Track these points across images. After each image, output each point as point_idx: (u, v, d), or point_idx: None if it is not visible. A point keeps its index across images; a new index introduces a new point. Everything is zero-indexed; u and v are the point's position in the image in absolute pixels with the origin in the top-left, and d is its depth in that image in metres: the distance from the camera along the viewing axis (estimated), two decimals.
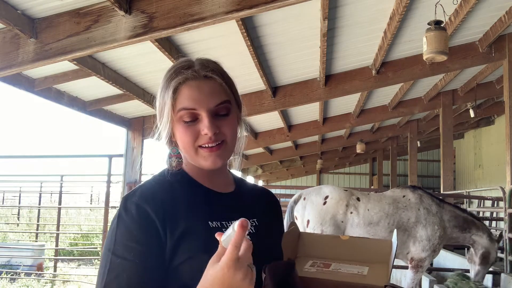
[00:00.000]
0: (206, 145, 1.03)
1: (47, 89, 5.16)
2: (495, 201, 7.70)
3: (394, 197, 4.60)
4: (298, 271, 1.06)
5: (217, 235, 0.83)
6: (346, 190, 4.72)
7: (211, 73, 1.07)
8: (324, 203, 4.57)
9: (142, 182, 1.10)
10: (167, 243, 0.96)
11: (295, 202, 4.79)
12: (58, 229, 10.42)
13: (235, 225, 0.78)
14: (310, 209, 4.59)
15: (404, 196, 4.58)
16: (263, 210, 1.16)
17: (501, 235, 5.04)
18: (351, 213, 4.49)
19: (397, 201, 4.53)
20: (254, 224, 1.09)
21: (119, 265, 0.93)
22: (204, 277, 0.82)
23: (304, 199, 4.72)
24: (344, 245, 1.18)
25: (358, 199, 4.59)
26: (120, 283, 0.92)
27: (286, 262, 1.03)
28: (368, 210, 4.46)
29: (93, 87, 5.44)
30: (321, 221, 4.48)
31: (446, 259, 6.39)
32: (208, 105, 1.03)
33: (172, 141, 1.09)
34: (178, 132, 1.05)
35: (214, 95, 1.04)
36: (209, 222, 1.00)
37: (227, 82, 1.10)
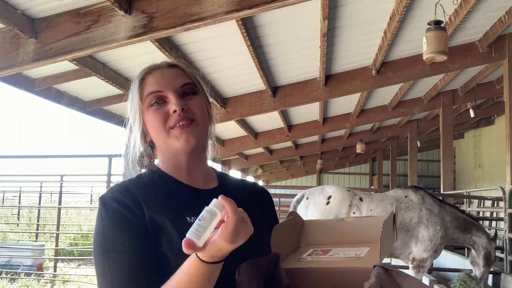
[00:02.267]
0: (177, 124, 1.03)
1: (47, 89, 5.16)
2: (495, 201, 7.70)
3: (396, 197, 4.60)
4: (293, 262, 1.05)
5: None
6: (349, 190, 4.72)
7: (173, 63, 1.13)
8: (327, 203, 4.57)
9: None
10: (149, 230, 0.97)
11: (298, 202, 4.79)
12: (58, 229, 10.41)
13: (213, 207, 0.80)
14: (313, 209, 4.59)
15: (406, 197, 4.58)
16: (250, 206, 1.10)
17: (496, 234, 5.06)
18: (354, 213, 4.49)
19: (400, 201, 4.54)
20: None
21: (117, 259, 0.93)
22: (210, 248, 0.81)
23: (307, 199, 4.72)
24: (348, 227, 1.16)
25: (361, 199, 4.59)
26: (126, 275, 0.92)
27: (270, 257, 1.01)
28: (370, 210, 4.47)
29: (93, 87, 5.44)
30: None
31: (446, 259, 6.39)
32: (173, 86, 1.06)
33: (146, 141, 1.11)
34: (149, 119, 1.06)
35: (178, 78, 1.08)
36: (187, 218, 0.99)
37: (191, 71, 1.13)
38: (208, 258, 0.82)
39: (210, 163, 1.19)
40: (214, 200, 0.81)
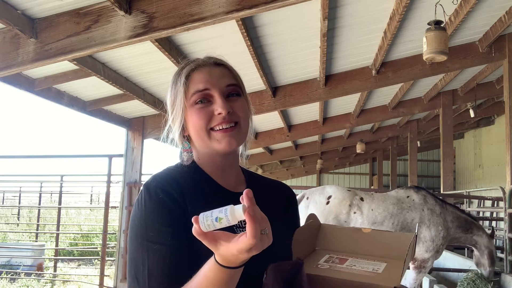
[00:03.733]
0: (220, 127, 1.03)
1: (47, 89, 5.16)
2: (495, 201, 7.70)
3: (398, 198, 4.59)
4: (311, 266, 1.04)
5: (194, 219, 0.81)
6: (350, 190, 4.72)
7: (220, 61, 1.11)
8: (327, 203, 4.57)
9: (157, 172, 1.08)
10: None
11: (298, 202, 4.79)
12: (58, 229, 10.42)
13: (233, 210, 0.78)
14: (313, 208, 4.58)
15: (408, 197, 4.57)
16: (275, 207, 1.15)
17: (493, 231, 5.07)
18: (355, 213, 4.48)
19: (401, 202, 4.53)
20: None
21: (157, 251, 0.93)
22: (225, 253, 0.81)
23: (307, 198, 4.72)
24: (365, 239, 1.14)
25: (361, 199, 4.58)
26: (164, 270, 0.92)
27: (293, 262, 1.00)
28: (372, 210, 4.46)
29: (93, 87, 5.44)
30: (324, 221, 4.48)
31: (446, 259, 6.39)
32: (220, 85, 1.05)
33: (184, 136, 1.10)
34: (191, 117, 1.05)
35: (224, 77, 1.08)
36: None
37: (235, 72, 1.13)
38: (225, 263, 0.82)
39: None
40: (239, 209, 0.79)
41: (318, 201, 4.60)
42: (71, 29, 3.48)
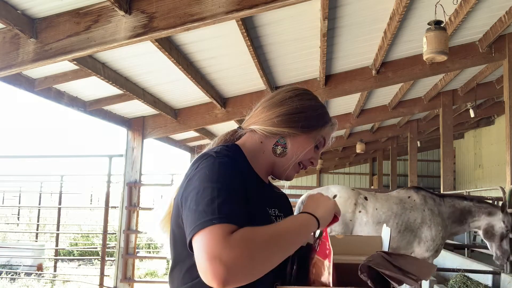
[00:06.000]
0: (302, 168, 1.30)
1: (47, 89, 5.16)
2: (495, 201, 7.69)
3: (400, 198, 4.63)
4: None
5: None
6: (354, 190, 4.75)
7: None
8: None
9: (215, 148, 1.18)
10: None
11: (303, 202, 4.80)
12: (58, 229, 10.42)
13: None
14: None
15: (409, 197, 4.61)
16: (282, 202, 1.34)
17: (504, 204, 4.59)
18: (360, 212, 4.51)
19: (403, 202, 4.57)
20: (277, 213, 1.22)
21: (230, 196, 1.01)
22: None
23: None
24: (340, 243, 1.28)
25: (366, 198, 4.61)
26: (236, 213, 0.98)
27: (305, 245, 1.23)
28: (376, 209, 4.49)
29: (93, 87, 5.44)
30: None
31: (446, 259, 6.39)
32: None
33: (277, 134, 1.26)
34: (304, 148, 1.26)
35: None
36: (267, 208, 1.18)
37: None
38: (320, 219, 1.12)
39: None
40: None
41: None
42: (71, 29, 3.48)
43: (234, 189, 1.03)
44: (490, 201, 4.76)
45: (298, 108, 1.25)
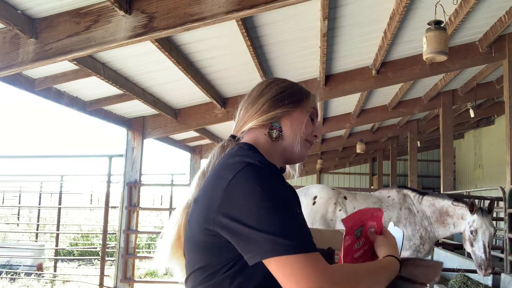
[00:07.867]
0: (311, 141, 1.31)
1: (47, 89, 5.16)
2: (495, 201, 7.70)
3: (379, 197, 4.68)
4: None
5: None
6: (334, 189, 4.82)
7: None
8: (314, 203, 4.66)
9: (250, 154, 1.15)
10: None
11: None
12: (58, 229, 10.42)
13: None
14: None
15: (389, 197, 4.66)
16: None
17: (491, 203, 4.21)
18: (340, 210, 4.60)
19: (381, 201, 4.61)
20: None
21: (298, 214, 1.03)
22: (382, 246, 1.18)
23: None
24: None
25: (345, 197, 4.70)
26: (305, 229, 1.01)
27: (326, 251, 1.22)
28: (354, 208, 4.54)
29: (93, 87, 5.44)
30: (312, 221, 4.57)
31: (446, 259, 6.39)
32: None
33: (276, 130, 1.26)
34: (304, 122, 1.26)
35: None
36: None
37: None
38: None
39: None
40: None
41: (305, 202, 4.67)
42: (71, 29, 3.48)
43: (289, 201, 1.05)
44: (469, 200, 4.24)
45: (278, 90, 1.31)
